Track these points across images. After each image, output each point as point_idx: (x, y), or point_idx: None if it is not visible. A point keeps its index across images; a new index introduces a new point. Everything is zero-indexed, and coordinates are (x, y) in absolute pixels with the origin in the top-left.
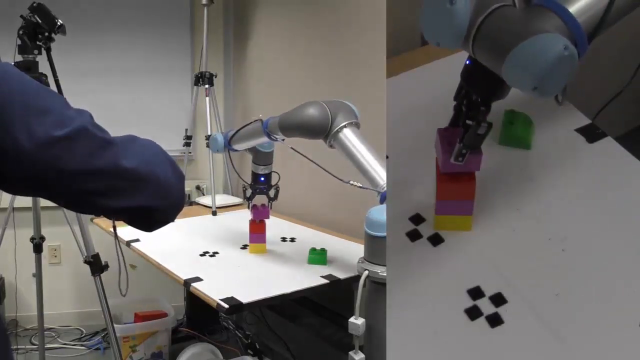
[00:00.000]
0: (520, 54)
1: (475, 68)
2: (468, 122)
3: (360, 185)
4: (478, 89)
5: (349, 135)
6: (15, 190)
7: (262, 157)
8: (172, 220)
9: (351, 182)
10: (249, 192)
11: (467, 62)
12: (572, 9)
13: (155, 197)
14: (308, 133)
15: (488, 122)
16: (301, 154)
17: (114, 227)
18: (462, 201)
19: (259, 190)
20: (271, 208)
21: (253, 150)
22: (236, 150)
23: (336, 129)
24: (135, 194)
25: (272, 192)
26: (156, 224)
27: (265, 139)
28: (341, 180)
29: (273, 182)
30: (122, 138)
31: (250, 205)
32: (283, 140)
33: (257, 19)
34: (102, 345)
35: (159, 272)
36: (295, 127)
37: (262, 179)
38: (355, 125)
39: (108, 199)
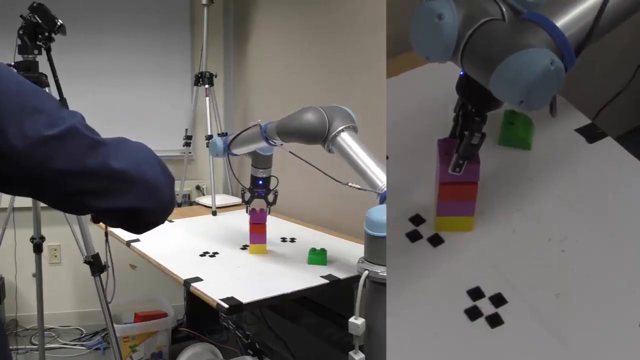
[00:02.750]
0: (507, 68)
1: (469, 79)
2: (465, 132)
3: (359, 186)
4: (472, 100)
5: (346, 139)
6: (7, 190)
7: (261, 160)
8: (162, 222)
9: (349, 183)
10: (247, 196)
11: (461, 73)
12: (560, 23)
13: (144, 199)
14: (306, 138)
15: (482, 132)
16: (300, 158)
17: (106, 233)
18: (464, 202)
19: (257, 195)
20: (269, 212)
21: (252, 154)
22: (235, 155)
23: (334, 133)
24: (125, 195)
25: (270, 197)
26: (145, 226)
27: (264, 144)
28: (339, 182)
29: (272, 187)
30: (112, 139)
31: (249, 209)
32: (282, 145)
33: (257, 19)
34: (102, 345)
35: (159, 272)
36: (293, 133)
37: (261, 182)
38: (353, 129)
39: (97, 199)
